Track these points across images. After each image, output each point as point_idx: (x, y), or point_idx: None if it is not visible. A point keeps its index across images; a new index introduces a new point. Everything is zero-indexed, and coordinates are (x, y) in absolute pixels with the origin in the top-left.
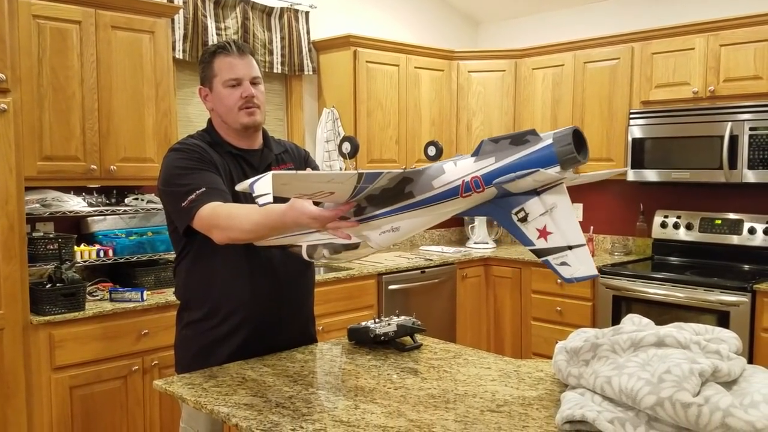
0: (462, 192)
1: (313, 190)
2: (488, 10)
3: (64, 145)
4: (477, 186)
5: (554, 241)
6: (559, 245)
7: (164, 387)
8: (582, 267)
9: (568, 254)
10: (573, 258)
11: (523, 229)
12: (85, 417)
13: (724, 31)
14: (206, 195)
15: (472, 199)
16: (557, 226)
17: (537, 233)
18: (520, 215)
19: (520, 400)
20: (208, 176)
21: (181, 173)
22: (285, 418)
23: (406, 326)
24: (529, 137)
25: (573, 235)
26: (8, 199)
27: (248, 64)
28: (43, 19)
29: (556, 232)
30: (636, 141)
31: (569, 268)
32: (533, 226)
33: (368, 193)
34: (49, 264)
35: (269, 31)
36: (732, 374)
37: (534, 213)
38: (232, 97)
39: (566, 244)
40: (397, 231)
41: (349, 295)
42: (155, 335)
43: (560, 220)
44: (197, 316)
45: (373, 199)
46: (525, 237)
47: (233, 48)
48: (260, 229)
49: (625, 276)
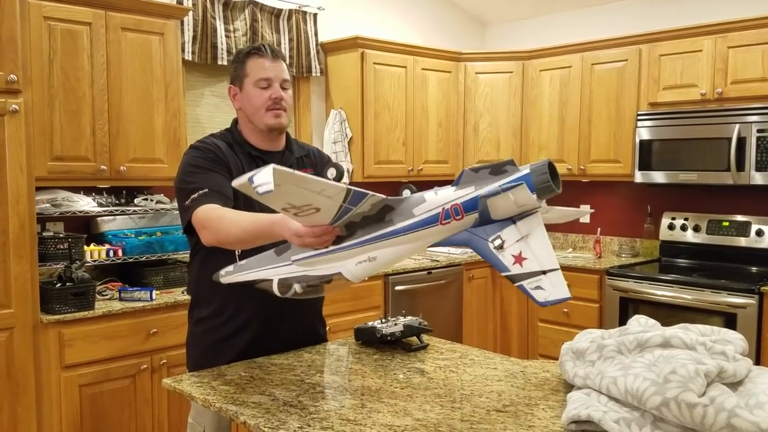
0: (442, 219)
1: (302, 200)
2: (495, 12)
3: (75, 146)
4: (456, 213)
5: (529, 267)
6: (534, 270)
7: (173, 385)
8: (555, 290)
9: (543, 279)
10: (547, 282)
11: (499, 257)
12: (94, 415)
13: (731, 33)
14: (207, 196)
15: (451, 226)
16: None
17: (513, 259)
18: (497, 243)
19: (526, 400)
20: (216, 178)
21: (192, 171)
22: (292, 417)
23: (413, 326)
24: (508, 167)
25: (547, 261)
26: (19, 198)
27: (279, 68)
28: (54, 20)
29: (531, 258)
30: (643, 143)
31: (543, 292)
32: (509, 253)
33: (349, 219)
34: (59, 263)
35: (277, 33)
36: (738, 375)
37: (510, 240)
38: (261, 98)
39: (540, 269)
40: (374, 261)
41: (356, 295)
42: (164, 334)
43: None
44: (205, 314)
45: (352, 227)
46: (501, 263)
47: (267, 51)
48: (247, 236)
49: (633, 278)
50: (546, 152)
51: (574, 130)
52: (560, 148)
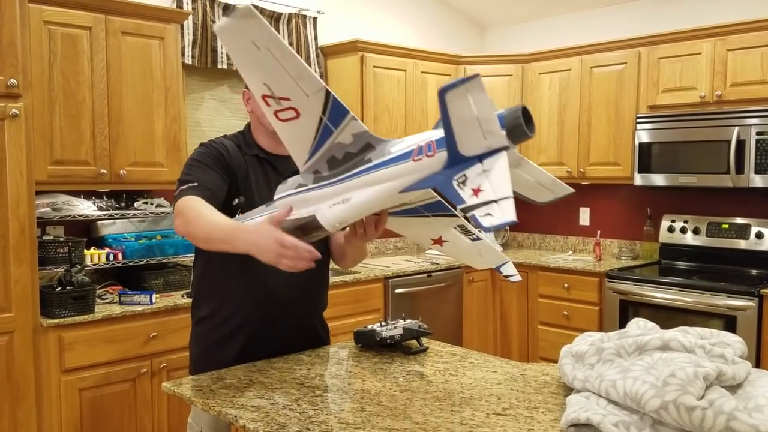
0: (415, 155)
1: (280, 85)
2: (495, 15)
3: (75, 150)
4: (429, 149)
5: (484, 197)
6: (488, 199)
7: (173, 389)
8: (503, 215)
9: (494, 206)
10: (497, 209)
11: (459, 191)
12: (94, 419)
13: (731, 35)
14: (194, 189)
15: (423, 164)
16: (490, 183)
17: (471, 192)
18: (461, 179)
19: (526, 404)
20: (210, 174)
21: (191, 164)
22: (292, 420)
23: (413, 329)
24: None
25: (502, 189)
26: (19, 202)
27: None
28: (54, 25)
29: (488, 189)
30: (643, 145)
31: (491, 218)
32: (469, 187)
33: (330, 153)
34: (59, 267)
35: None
36: (737, 378)
37: (472, 175)
38: None
39: (494, 198)
40: (347, 203)
41: (356, 298)
42: (164, 338)
43: (494, 178)
44: (205, 313)
45: (333, 163)
46: (459, 196)
47: None
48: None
49: (633, 280)
50: (546, 155)
51: (574, 133)
52: (560, 151)
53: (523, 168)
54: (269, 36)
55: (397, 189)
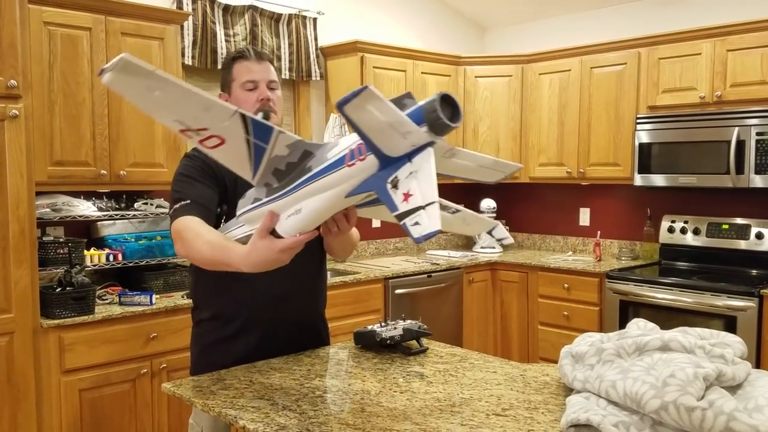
0: (348, 160)
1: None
2: (495, 16)
3: (75, 151)
4: (360, 153)
5: (413, 202)
6: (417, 205)
7: (173, 390)
8: (429, 223)
9: (422, 213)
10: (425, 216)
11: (392, 196)
12: (94, 420)
13: (731, 36)
14: (187, 207)
15: (357, 168)
16: (419, 188)
17: (402, 197)
18: (393, 182)
19: (526, 404)
20: (200, 189)
21: (180, 180)
22: (292, 421)
23: (412, 330)
24: (406, 101)
25: (428, 194)
26: (19, 203)
27: (266, 69)
28: (54, 25)
29: (417, 194)
30: (643, 146)
31: (419, 227)
32: (401, 191)
33: (273, 165)
34: (59, 268)
35: (277, 38)
36: (737, 378)
37: (402, 177)
38: (249, 100)
39: (422, 204)
40: (299, 214)
41: (356, 299)
42: (164, 339)
43: (422, 181)
44: (206, 316)
45: (280, 175)
46: (392, 203)
47: (251, 53)
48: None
49: (633, 281)
50: (545, 155)
51: (574, 134)
52: (560, 152)
53: (459, 156)
54: (158, 79)
55: (342, 195)
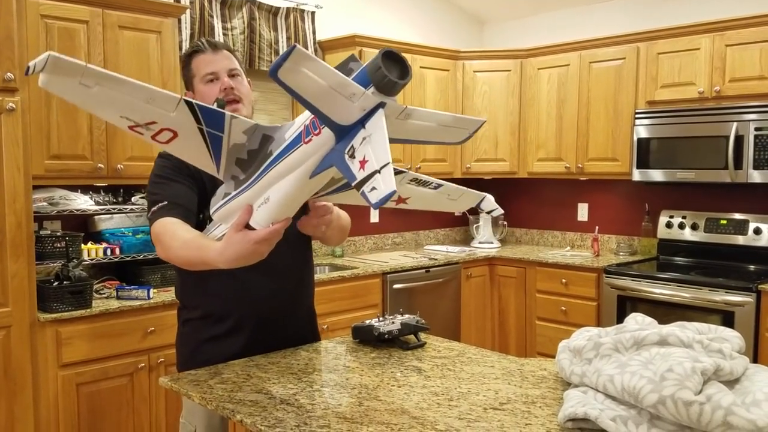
0: (304, 137)
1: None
2: (494, 10)
3: (72, 144)
4: (314, 128)
5: (369, 168)
6: (372, 170)
7: (170, 384)
8: (385, 187)
9: (377, 177)
10: (380, 180)
11: (350, 165)
12: (91, 414)
13: (729, 31)
14: (165, 209)
15: (314, 144)
16: (373, 152)
17: (359, 165)
18: (350, 152)
19: (523, 398)
20: (176, 188)
21: (156, 181)
22: (289, 415)
23: (410, 325)
24: (352, 64)
25: (381, 156)
26: (16, 197)
27: (223, 58)
28: (51, 18)
29: (372, 159)
30: (641, 141)
31: (376, 192)
32: (357, 159)
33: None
34: (56, 262)
35: (275, 31)
36: (734, 373)
37: (357, 144)
38: (212, 93)
39: (377, 168)
40: (268, 202)
41: (354, 294)
42: (161, 333)
43: (375, 145)
44: (195, 315)
45: (243, 165)
46: (351, 172)
47: (206, 45)
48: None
49: (630, 276)
50: (544, 150)
51: (572, 129)
52: (558, 147)
53: (416, 117)
54: (93, 74)
55: (306, 175)
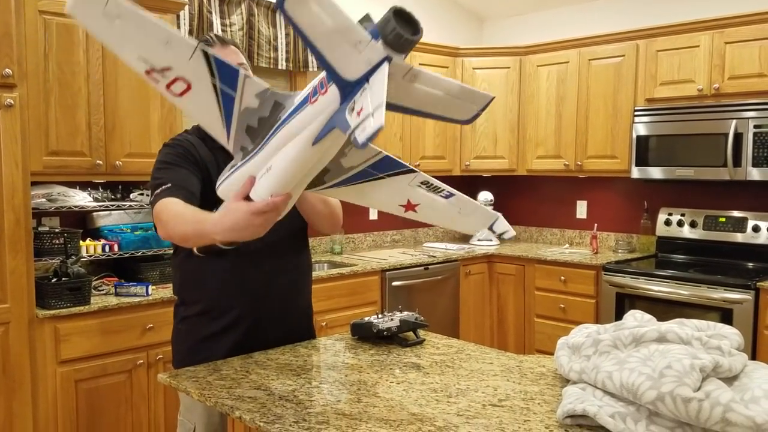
0: (311, 97)
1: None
2: (493, 7)
3: (70, 141)
4: (321, 87)
5: (364, 113)
6: (366, 114)
7: (169, 380)
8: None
9: (369, 119)
10: (370, 120)
11: (348, 118)
12: (89, 410)
13: (729, 28)
14: (168, 191)
15: (320, 104)
16: (369, 98)
17: (356, 115)
18: (351, 107)
19: (522, 395)
20: (181, 173)
21: (160, 167)
22: (288, 411)
23: (409, 322)
24: (365, 24)
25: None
26: (14, 193)
27: (231, 53)
28: (50, 14)
29: (368, 105)
30: (640, 138)
31: (364, 132)
32: (355, 111)
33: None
34: (54, 258)
35: (274, 28)
36: (733, 370)
37: (359, 98)
38: None
39: (371, 111)
40: (270, 172)
41: (353, 291)
42: (160, 329)
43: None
44: (192, 312)
45: (253, 134)
46: (347, 123)
47: (215, 40)
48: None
49: (629, 273)
50: (543, 148)
51: (571, 126)
52: (557, 144)
53: (422, 80)
54: (116, 4)
55: (309, 142)
